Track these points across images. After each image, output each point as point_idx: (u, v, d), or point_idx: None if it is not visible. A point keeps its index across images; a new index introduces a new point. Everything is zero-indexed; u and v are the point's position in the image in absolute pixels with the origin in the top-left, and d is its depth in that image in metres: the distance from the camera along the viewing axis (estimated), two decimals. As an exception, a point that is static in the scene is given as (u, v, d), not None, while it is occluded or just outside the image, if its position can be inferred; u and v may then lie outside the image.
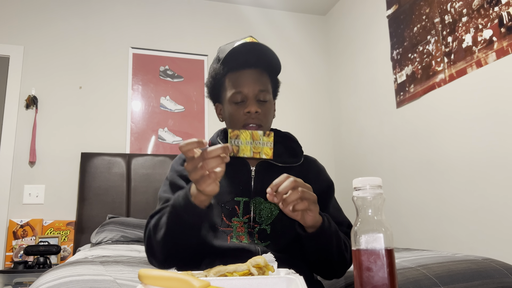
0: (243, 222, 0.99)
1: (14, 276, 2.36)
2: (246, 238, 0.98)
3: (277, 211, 1.00)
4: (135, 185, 2.72)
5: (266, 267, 0.63)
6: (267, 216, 1.00)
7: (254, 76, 1.04)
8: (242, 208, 1.00)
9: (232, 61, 1.04)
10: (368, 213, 0.56)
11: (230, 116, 1.05)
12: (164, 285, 0.54)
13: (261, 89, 1.03)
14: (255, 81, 1.03)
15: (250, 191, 1.02)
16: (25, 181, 2.69)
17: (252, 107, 1.01)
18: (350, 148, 3.21)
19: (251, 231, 0.99)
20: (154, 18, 3.21)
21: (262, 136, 0.74)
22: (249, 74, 1.04)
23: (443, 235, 2.24)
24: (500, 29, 1.91)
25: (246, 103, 1.03)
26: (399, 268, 1.10)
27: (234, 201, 1.01)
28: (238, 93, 1.03)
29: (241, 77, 1.04)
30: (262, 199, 1.01)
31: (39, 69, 2.87)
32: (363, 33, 3.09)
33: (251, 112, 1.01)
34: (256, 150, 0.74)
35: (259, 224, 0.99)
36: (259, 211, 1.00)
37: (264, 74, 1.06)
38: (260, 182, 1.03)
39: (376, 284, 0.54)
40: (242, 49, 1.02)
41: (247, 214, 1.00)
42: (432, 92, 2.35)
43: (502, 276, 1.09)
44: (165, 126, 3.07)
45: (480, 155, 2.02)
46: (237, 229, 0.99)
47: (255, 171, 1.04)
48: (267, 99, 1.04)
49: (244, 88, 1.02)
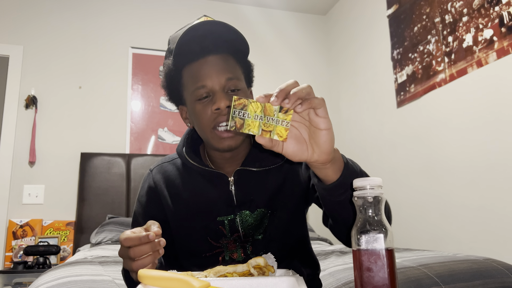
0: (233, 240, 0.89)
1: (14, 276, 2.35)
2: (240, 254, 0.89)
3: (267, 220, 0.90)
4: (135, 185, 2.72)
5: (266, 268, 0.63)
6: (257, 226, 0.89)
7: (216, 64, 0.84)
8: (228, 227, 0.88)
9: (185, 51, 0.84)
10: (368, 213, 0.56)
11: (197, 119, 0.86)
12: (164, 285, 0.53)
13: (228, 77, 0.84)
14: (218, 69, 0.84)
15: (233, 205, 0.89)
16: (25, 181, 2.69)
17: (222, 102, 0.81)
18: (350, 148, 3.21)
19: (244, 245, 0.89)
20: (154, 18, 3.21)
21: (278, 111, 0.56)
22: (209, 62, 0.84)
23: (444, 235, 2.23)
24: (501, 29, 1.91)
25: (213, 98, 0.83)
26: (400, 268, 1.10)
27: (217, 221, 0.89)
28: (200, 88, 0.83)
29: (200, 68, 0.84)
30: (248, 212, 0.89)
31: (38, 69, 2.86)
32: (363, 33, 3.09)
33: (221, 108, 0.82)
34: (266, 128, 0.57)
35: (252, 236, 0.89)
36: (247, 226, 0.88)
37: (230, 58, 0.87)
38: (242, 192, 0.89)
39: (377, 284, 0.53)
40: (194, 33, 0.82)
41: (236, 233, 0.88)
42: (432, 92, 2.35)
43: (503, 276, 1.09)
44: (165, 126, 3.06)
45: (481, 155, 2.02)
46: (228, 247, 0.89)
47: (234, 182, 0.89)
48: (239, 87, 0.85)
49: (207, 80, 0.83)
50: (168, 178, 0.94)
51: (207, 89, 0.84)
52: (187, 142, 0.95)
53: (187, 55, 0.85)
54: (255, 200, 0.90)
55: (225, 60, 0.86)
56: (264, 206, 0.90)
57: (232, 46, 0.87)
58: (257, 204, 0.89)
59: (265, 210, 0.90)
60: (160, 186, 0.94)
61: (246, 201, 0.89)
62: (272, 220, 0.90)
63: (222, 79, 0.83)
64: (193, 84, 0.85)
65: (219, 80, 0.83)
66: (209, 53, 0.85)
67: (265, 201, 0.90)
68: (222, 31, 0.83)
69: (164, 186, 0.94)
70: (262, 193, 0.90)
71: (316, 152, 0.62)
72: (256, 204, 0.89)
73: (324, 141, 0.61)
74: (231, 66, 0.86)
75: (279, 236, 0.91)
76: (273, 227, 0.90)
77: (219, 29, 0.83)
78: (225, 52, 0.86)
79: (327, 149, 0.62)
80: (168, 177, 0.94)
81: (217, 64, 0.84)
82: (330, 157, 0.64)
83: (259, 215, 0.89)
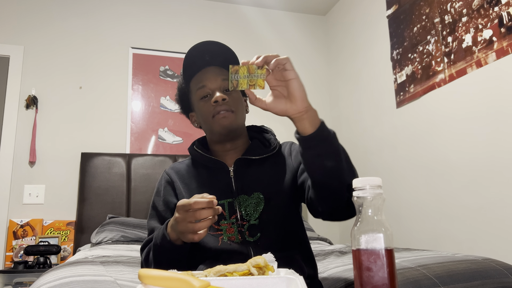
0: (231, 223, 1.01)
1: (14, 276, 2.36)
2: (237, 238, 1.00)
3: (263, 204, 1.03)
4: (135, 185, 2.72)
5: (266, 267, 0.63)
6: (253, 210, 1.02)
7: (213, 71, 1.07)
8: (227, 210, 1.02)
9: (190, 66, 1.08)
10: (368, 213, 0.57)
11: (201, 114, 1.08)
12: (164, 285, 0.54)
13: (224, 78, 1.06)
14: (215, 74, 1.06)
15: (232, 191, 1.04)
16: (25, 181, 2.69)
17: (218, 96, 1.03)
18: (350, 148, 3.20)
19: (240, 229, 1.01)
20: (154, 18, 3.21)
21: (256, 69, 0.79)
22: (208, 70, 1.07)
23: (443, 235, 2.24)
24: (500, 29, 1.91)
25: (212, 95, 1.05)
26: (399, 268, 1.10)
27: (218, 204, 1.00)
28: (202, 87, 1.06)
29: (201, 74, 1.08)
30: (246, 196, 1.03)
31: (39, 69, 2.87)
32: (363, 33, 3.09)
33: (218, 100, 1.03)
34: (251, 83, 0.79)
35: (247, 221, 1.01)
36: (244, 208, 1.02)
37: (224, 69, 1.07)
38: (240, 180, 1.05)
39: (376, 284, 0.54)
40: (195, 52, 1.07)
41: (233, 214, 1.02)
42: (432, 92, 2.35)
43: (502, 276, 1.09)
44: (165, 126, 3.07)
45: (480, 155, 2.02)
46: (227, 231, 1.01)
47: (233, 170, 1.07)
48: None
49: (207, 81, 1.06)
50: (179, 172, 1.14)
51: (207, 88, 1.06)
52: (197, 141, 1.17)
53: (192, 68, 1.09)
54: (251, 185, 1.05)
55: (219, 68, 1.08)
56: (260, 190, 1.04)
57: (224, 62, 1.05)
58: (254, 189, 1.04)
59: (261, 194, 1.04)
60: (174, 179, 1.12)
61: (244, 187, 1.05)
62: (266, 206, 1.02)
63: (218, 80, 1.06)
64: (196, 86, 1.08)
65: (216, 81, 1.06)
66: (208, 64, 1.08)
67: (260, 187, 1.05)
68: (215, 48, 1.07)
69: (177, 179, 1.12)
70: (258, 179, 1.06)
71: (293, 103, 0.80)
72: (253, 188, 1.04)
73: (295, 88, 0.80)
74: (225, 72, 1.06)
75: (273, 223, 1.02)
76: (268, 213, 1.02)
77: (213, 47, 1.07)
78: (219, 64, 1.08)
79: (299, 96, 0.80)
80: (179, 172, 1.14)
81: (214, 71, 1.07)
82: (305, 105, 0.81)
83: (254, 198, 1.03)
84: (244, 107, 1.12)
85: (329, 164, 0.80)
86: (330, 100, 3.54)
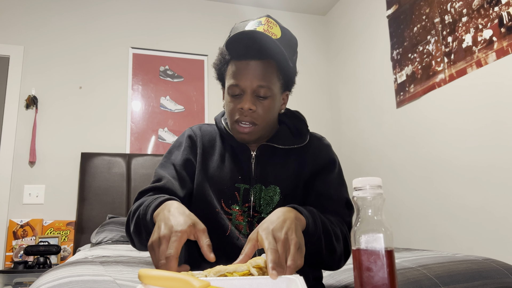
0: (243, 210, 0.96)
1: (14, 276, 2.36)
2: (245, 228, 0.95)
3: (278, 198, 0.97)
4: (135, 185, 2.72)
5: (266, 268, 0.63)
6: (267, 204, 0.97)
7: (255, 69, 0.93)
8: (242, 196, 0.97)
9: (233, 49, 0.94)
10: (368, 213, 0.56)
11: (226, 107, 0.99)
12: (164, 285, 0.54)
13: (260, 84, 0.92)
14: (255, 75, 0.92)
15: (250, 177, 0.98)
16: (25, 181, 2.69)
17: (246, 104, 0.92)
18: (350, 148, 3.21)
19: (250, 220, 0.96)
20: (154, 18, 3.21)
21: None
22: (250, 66, 0.93)
23: (443, 235, 2.24)
24: (500, 29, 1.91)
25: (242, 97, 0.94)
26: (399, 268, 1.10)
27: (234, 187, 0.98)
28: (235, 86, 0.94)
29: (241, 68, 0.93)
30: (263, 186, 0.97)
31: (39, 69, 2.87)
32: (363, 33, 3.09)
33: (244, 109, 0.93)
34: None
35: (259, 213, 0.96)
36: (258, 199, 0.97)
37: (271, 66, 0.94)
38: (260, 167, 0.99)
39: (376, 284, 0.54)
40: (243, 37, 0.90)
41: (247, 203, 0.97)
42: (432, 92, 2.35)
43: (503, 277, 1.09)
44: (165, 126, 3.07)
45: (480, 155, 2.02)
46: (236, 217, 0.96)
47: (255, 156, 1.00)
48: (267, 95, 0.94)
49: (242, 81, 0.93)
50: (205, 135, 1.05)
51: (239, 88, 0.94)
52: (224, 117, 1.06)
53: (234, 52, 0.95)
54: (270, 175, 0.98)
55: (265, 67, 0.93)
56: (278, 183, 0.98)
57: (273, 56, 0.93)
58: (272, 180, 0.98)
59: (278, 188, 0.97)
60: (199, 138, 1.04)
61: (263, 176, 0.98)
62: (281, 202, 0.96)
63: (254, 84, 0.92)
64: (231, 79, 0.95)
65: (251, 84, 0.93)
66: (253, 57, 0.93)
67: (279, 179, 0.98)
68: (265, 42, 0.90)
69: (200, 141, 1.04)
70: (278, 171, 0.99)
71: None
72: (271, 180, 0.98)
73: None
74: (268, 74, 0.94)
75: None
76: None
77: (263, 41, 0.90)
78: (267, 58, 0.93)
79: None
80: (205, 135, 1.06)
81: (255, 69, 0.93)
82: None
83: (271, 191, 0.97)
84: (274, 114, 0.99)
85: (314, 261, 0.86)
86: (330, 100, 3.53)
